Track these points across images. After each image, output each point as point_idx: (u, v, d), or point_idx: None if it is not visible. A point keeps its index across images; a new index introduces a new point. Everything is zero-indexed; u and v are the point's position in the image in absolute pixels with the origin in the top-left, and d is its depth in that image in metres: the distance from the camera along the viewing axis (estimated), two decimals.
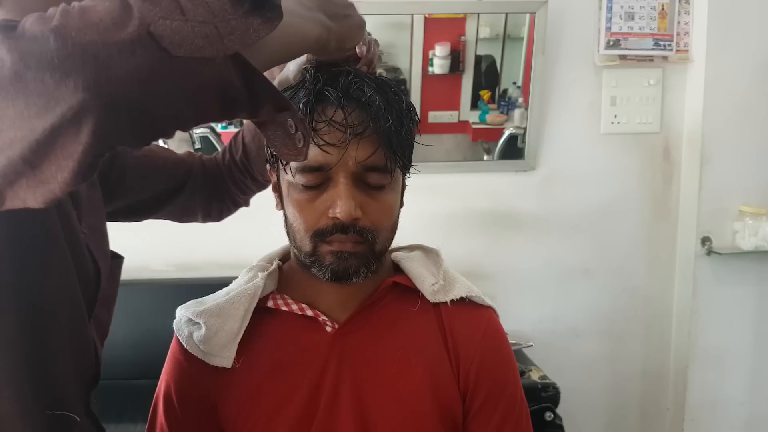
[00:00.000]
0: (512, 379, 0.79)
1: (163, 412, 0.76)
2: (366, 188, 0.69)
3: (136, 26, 0.40)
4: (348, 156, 0.66)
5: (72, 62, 0.38)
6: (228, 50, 0.43)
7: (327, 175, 0.68)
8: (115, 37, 0.39)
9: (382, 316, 0.77)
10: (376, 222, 0.70)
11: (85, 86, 0.38)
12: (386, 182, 0.70)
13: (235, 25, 0.43)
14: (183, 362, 0.75)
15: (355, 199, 0.67)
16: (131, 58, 0.39)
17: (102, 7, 0.40)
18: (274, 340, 0.75)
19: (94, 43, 0.38)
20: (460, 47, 1.86)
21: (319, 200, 0.68)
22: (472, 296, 0.79)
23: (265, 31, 0.44)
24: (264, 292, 0.76)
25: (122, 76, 0.39)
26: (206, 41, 0.42)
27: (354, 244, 0.69)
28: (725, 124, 1.85)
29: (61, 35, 0.38)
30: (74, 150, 0.39)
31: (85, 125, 0.38)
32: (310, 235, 0.69)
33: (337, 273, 0.70)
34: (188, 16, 0.42)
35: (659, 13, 1.84)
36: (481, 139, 1.93)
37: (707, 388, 1.99)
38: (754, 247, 1.83)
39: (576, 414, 1.83)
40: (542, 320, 1.98)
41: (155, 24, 0.40)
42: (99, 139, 0.39)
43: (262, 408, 0.73)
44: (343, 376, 0.73)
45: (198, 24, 0.42)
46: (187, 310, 0.77)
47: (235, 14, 0.43)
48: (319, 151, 0.66)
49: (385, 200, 0.71)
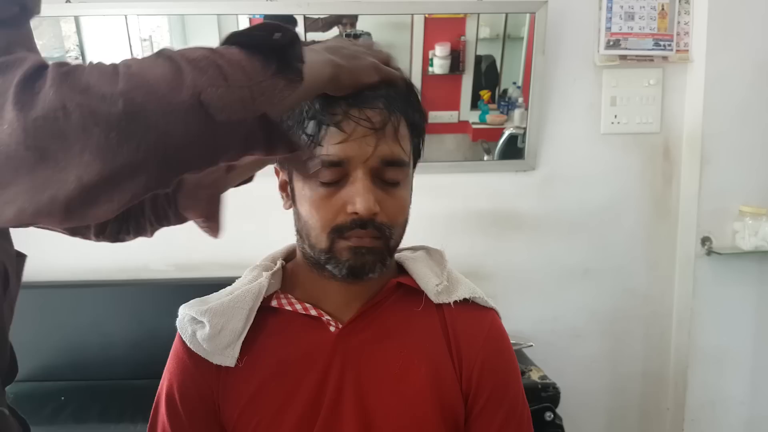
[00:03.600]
0: (515, 380, 0.80)
1: (165, 411, 0.76)
2: (382, 185, 0.70)
3: (189, 95, 0.46)
4: (367, 151, 0.67)
5: (136, 127, 0.44)
6: (258, 112, 0.50)
7: (345, 170, 0.68)
8: (172, 105, 0.45)
9: (385, 316, 0.77)
10: (392, 218, 0.71)
11: (146, 149, 0.44)
12: (402, 178, 0.71)
13: (265, 86, 0.50)
14: (186, 361, 0.75)
15: (374, 192, 0.68)
16: (183, 125, 0.46)
17: (159, 72, 0.46)
18: (278, 339, 0.75)
19: (155, 112, 0.45)
20: (460, 47, 1.86)
21: (336, 197, 0.69)
22: (476, 297, 0.79)
23: (289, 91, 0.51)
24: (268, 292, 0.76)
25: (176, 140, 0.46)
26: (242, 105, 0.49)
27: (372, 239, 0.69)
28: (725, 124, 1.85)
29: (129, 101, 0.44)
30: (123, 197, 0.46)
31: (139, 178, 0.45)
32: (327, 231, 0.70)
33: (354, 269, 0.70)
34: (230, 82, 0.48)
35: (659, 13, 1.84)
36: (481, 139, 1.93)
37: (707, 388, 1.99)
38: (754, 247, 1.83)
39: (576, 414, 1.83)
40: (542, 320, 1.98)
41: (205, 92, 0.46)
42: (146, 189, 0.46)
43: (266, 407, 0.73)
44: (347, 376, 0.73)
45: (237, 89, 0.48)
46: (191, 308, 0.77)
47: (264, 76, 0.50)
48: (339, 146, 0.67)
49: (400, 196, 0.72)
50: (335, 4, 1.77)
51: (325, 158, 0.67)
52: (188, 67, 0.47)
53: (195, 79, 0.46)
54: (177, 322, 0.77)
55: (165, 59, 0.47)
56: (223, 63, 0.49)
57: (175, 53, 0.48)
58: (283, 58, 0.51)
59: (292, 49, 0.52)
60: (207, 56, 0.48)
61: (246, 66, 0.50)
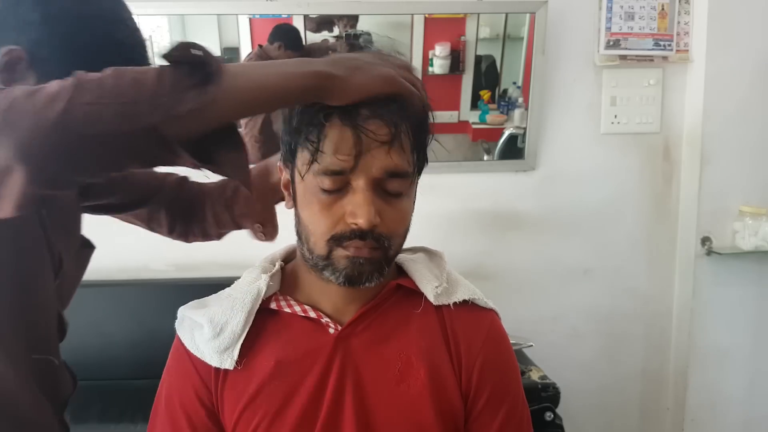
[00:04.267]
0: (514, 381, 0.80)
1: (164, 413, 0.76)
2: (384, 195, 0.69)
3: (60, 110, 0.52)
4: (371, 162, 0.67)
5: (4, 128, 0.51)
6: (151, 123, 0.54)
7: (347, 179, 0.68)
8: (42, 117, 0.51)
9: (385, 318, 0.77)
10: (392, 229, 0.70)
11: (15, 149, 0.51)
12: (405, 189, 0.71)
13: (164, 101, 0.54)
14: (185, 363, 0.75)
15: (375, 204, 0.68)
16: (45, 137, 0.52)
17: (51, 88, 0.53)
18: (277, 341, 0.75)
19: (23, 126, 0.51)
20: (460, 47, 1.87)
21: (337, 205, 0.68)
22: (475, 299, 0.79)
23: (196, 105, 0.55)
24: (267, 294, 0.76)
25: (45, 149, 0.52)
26: (122, 118, 0.53)
27: (370, 249, 0.69)
28: (725, 124, 1.85)
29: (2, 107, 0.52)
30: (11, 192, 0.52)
31: (14, 177, 0.52)
32: (326, 239, 0.69)
33: (351, 278, 0.70)
34: (108, 99, 0.53)
35: (659, 13, 1.84)
36: (481, 139, 1.93)
37: (707, 388, 1.99)
38: (754, 247, 1.83)
39: (576, 414, 1.83)
40: (542, 320, 1.98)
41: (71, 110, 0.52)
42: (29, 187, 0.52)
43: (265, 409, 0.73)
44: (346, 378, 0.73)
45: (117, 105, 0.53)
46: (190, 310, 0.77)
47: (165, 91, 0.54)
48: (342, 154, 0.66)
49: (402, 207, 0.71)
50: (335, 4, 1.77)
51: (327, 167, 0.67)
52: (70, 88, 0.53)
53: (69, 99, 0.52)
54: (176, 324, 0.77)
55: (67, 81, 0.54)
56: (111, 82, 0.54)
57: (81, 76, 0.54)
58: (198, 75, 0.56)
59: (207, 66, 0.57)
60: (98, 77, 0.54)
61: (145, 82, 0.55)
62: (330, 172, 0.67)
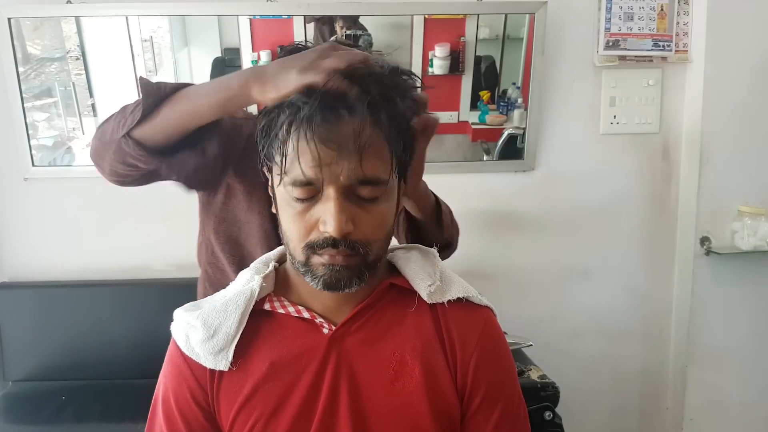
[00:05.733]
0: (510, 378, 0.79)
1: (162, 415, 0.76)
2: (358, 200, 0.67)
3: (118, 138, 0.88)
4: (338, 170, 0.65)
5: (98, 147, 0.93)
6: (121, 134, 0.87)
7: (316, 188, 0.66)
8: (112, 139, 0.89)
9: (378, 317, 0.77)
10: (369, 235, 0.68)
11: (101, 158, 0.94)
12: (380, 193, 0.68)
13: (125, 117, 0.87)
14: (181, 365, 0.75)
15: (347, 212, 0.66)
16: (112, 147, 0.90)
17: (108, 125, 0.90)
18: (271, 342, 0.75)
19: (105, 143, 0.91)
20: (460, 48, 1.87)
21: (309, 213, 0.67)
22: (469, 296, 0.79)
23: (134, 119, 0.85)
24: (260, 295, 0.76)
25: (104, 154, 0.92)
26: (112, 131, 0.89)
27: (345, 257, 0.68)
28: (724, 125, 1.86)
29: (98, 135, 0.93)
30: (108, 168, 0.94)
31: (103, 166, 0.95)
32: (301, 246, 0.69)
33: (329, 284, 0.69)
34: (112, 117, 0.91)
35: (658, 13, 1.84)
36: (480, 139, 1.93)
37: (706, 387, 1.99)
38: (753, 247, 1.83)
39: (575, 413, 1.84)
40: (542, 320, 1.99)
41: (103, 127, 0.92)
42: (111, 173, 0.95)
43: (260, 410, 0.73)
44: (341, 377, 0.73)
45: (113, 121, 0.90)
46: (184, 312, 0.77)
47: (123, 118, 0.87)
48: (307, 167, 0.65)
49: (379, 212, 0.69)
50: (335, 5, 1.77)
51: (295, 177, 0.66)
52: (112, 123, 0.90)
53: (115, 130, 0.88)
54: (171, 327, 0.77)
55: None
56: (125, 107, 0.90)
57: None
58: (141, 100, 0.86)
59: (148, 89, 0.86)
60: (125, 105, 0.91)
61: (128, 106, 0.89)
62: (298, 183, 0.66)
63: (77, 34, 1.81)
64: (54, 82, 1.84)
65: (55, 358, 1.83)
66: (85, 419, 1.68)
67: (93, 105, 1.86)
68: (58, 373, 1.84)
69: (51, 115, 1.86)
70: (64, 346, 1.83)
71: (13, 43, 1.75)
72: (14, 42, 1.75)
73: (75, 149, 1.87)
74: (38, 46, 1.84)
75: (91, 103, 1.86)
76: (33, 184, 1.85)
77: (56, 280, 1.88)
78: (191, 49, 1.87)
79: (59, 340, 1.83)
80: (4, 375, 1.86)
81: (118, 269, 1.89)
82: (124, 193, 1.84)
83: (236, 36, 1.82)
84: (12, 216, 1.87)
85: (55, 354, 1.83)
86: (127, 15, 1.77)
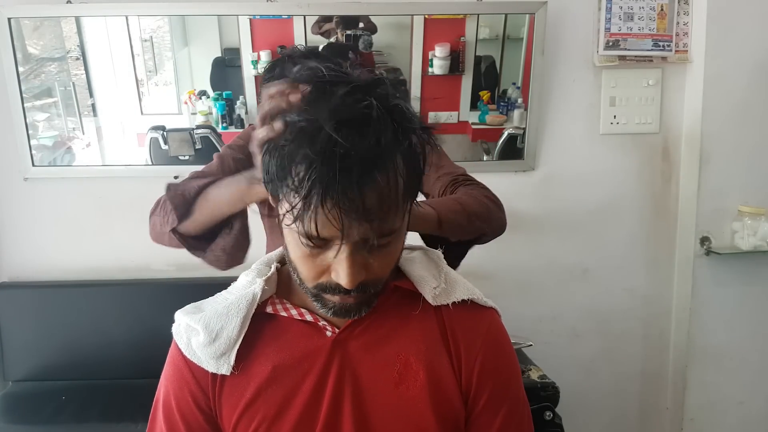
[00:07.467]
0: (515, 380, 0.79)
1: (162, 418, 0.75)
2: (370, 248, 0.64)
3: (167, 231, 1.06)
4: (353, 231, 0.61)
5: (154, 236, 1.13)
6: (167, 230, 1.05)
7: (328, 241, 0.63)
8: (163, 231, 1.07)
9: (383, 320, 0.76)
10: (380, 275, 0.68)
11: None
12: (393, 239, 0.66)
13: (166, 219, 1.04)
14: (182, 368, 0.75)
15: (360, 264, 0.64)
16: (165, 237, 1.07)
17: (156, 219, 1.08)
18: (274, 345, 0.75)
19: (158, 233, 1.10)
20: (460, 48, 1.87)
21: (320, 258, 0.65)
22: (474, 298, 0.78)
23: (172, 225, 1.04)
24: (262, 298, 0.75)
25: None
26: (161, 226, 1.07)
27: (357, 296, 0.67)
28: (724, 125, 1.86)
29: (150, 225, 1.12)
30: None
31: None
32: (312, 285, 0.68)
33: (339, 314, 0.70)
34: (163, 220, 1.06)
35: (658, 13, 1.84)
36: (480, 139, 1.93)
37: (706, 387, 1.99)
38: (753, 247, 1.83)
39: (575, 413, 1.84)
40: (541, 320, 1.99)
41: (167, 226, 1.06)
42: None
43: (263, 414, 0.72)
44: (344, 381, 0.73)
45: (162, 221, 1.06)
46: (186, 315, 0.76)
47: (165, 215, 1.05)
48: (323, 227, 0.60)
49: (390, 253, 0.67)
50: (335, 5, 1.77)
51: (308, 233, 0.62)
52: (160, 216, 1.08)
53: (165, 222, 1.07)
54: (173, 329, 0.77)
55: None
56: (164, 203, 1.07)
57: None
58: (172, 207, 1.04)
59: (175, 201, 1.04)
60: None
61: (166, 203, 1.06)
62: (311, 238, 0.62)
63: (77, 34, 1.81)
64: (54, 82, 1.85)
65: (55, 358, 1.83)
66: (85, 419, 1.68)
67: (93, 105, 1.86)
68: (58, 373, 1.84)
69: (51, 115, 1.86)
70: (64, 346, 1.83)
71: (13, 43, 1.75)
72: (14, 42, 1.75)
73: (75, 149, 1.87)
74: (38, 46, 1.84)
75: (91, 103, 1.86)
76: (33, 184, 1.85)
77: (56, 280, 1.88)
78: (191, 49, 1.87)
79: (59, 340, 1.83)
80: (4, 375, 1.86)
81: (118, 269, 1.89)
82: (124, 193, 1.85)
83: (236, 36, 1.82)
84: (12, 216, 1.87)
85: (55, 354, 1.83)
86: (127, 15, 1.77)
